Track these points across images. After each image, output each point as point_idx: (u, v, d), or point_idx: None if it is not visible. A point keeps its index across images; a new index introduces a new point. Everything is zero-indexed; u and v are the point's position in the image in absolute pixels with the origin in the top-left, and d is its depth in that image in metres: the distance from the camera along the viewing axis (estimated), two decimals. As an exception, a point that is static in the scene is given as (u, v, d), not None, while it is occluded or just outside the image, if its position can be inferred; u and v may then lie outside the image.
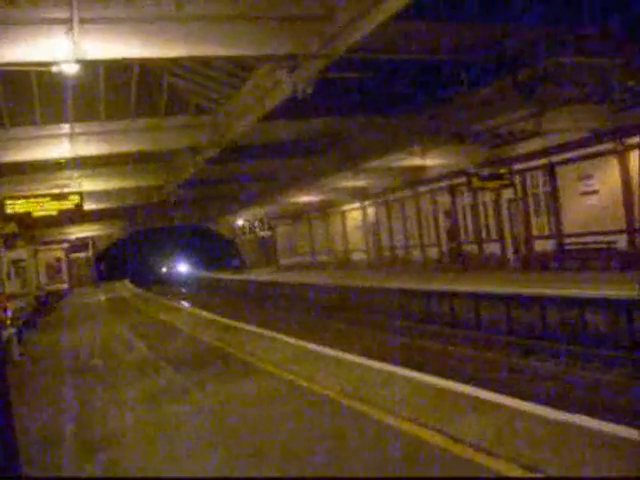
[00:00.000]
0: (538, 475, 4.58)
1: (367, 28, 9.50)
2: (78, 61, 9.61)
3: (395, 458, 5.36)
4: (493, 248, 26.40)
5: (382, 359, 9.61)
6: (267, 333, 12.96)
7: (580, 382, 11.37)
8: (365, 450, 5.63)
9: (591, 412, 6.38)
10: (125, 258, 63.04)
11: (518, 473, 4.68)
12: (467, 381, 8.25)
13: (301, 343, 11.06)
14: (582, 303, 14.15)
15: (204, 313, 20.54)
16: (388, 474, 5.04)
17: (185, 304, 33.48)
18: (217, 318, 17.97)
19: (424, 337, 17.49)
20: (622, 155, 19.67)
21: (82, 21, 9.14)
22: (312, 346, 10.59)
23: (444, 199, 29.83)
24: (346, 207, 40.63)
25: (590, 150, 20.75)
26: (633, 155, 19.35)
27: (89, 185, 22.63)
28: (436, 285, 20.22)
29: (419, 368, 9.24)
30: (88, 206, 22.52)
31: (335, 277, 30.79)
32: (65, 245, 45.32)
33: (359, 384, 7.65)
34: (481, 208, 27.20)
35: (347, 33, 9.94)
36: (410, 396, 6.81)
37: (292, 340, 11.50)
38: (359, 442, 5.86)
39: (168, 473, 5.65)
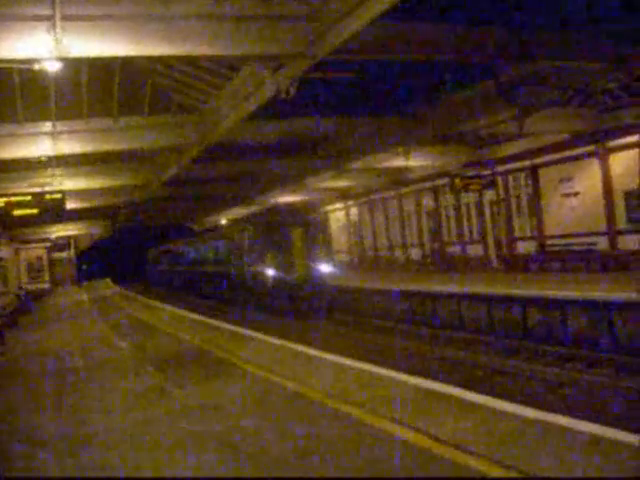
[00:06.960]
0: (528, 476, 4.59)
1: (351, 28, 9.49)
2: (60, 59, 9.53)
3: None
4: (476, 249, 26.56)
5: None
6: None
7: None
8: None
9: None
10: (107, 257, 62.55)
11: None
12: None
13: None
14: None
15: (178, 311, 20.59)
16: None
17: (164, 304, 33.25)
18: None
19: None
20: (603, 157, 19.88)
21: (64, 18, 9.03)
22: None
23: (427, 200, 29.96)
24: (330, 207, 40.66)
25: (572, 152, 20.95)
26: (614, 157, 19.56)
27: (71, 184, 22.40)
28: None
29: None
30: (70, 205, 22.31)
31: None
32: (47, 244, 44.86)
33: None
34: (464, 209, 27.35)
35: (331, 34, 9.94)
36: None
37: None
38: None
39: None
